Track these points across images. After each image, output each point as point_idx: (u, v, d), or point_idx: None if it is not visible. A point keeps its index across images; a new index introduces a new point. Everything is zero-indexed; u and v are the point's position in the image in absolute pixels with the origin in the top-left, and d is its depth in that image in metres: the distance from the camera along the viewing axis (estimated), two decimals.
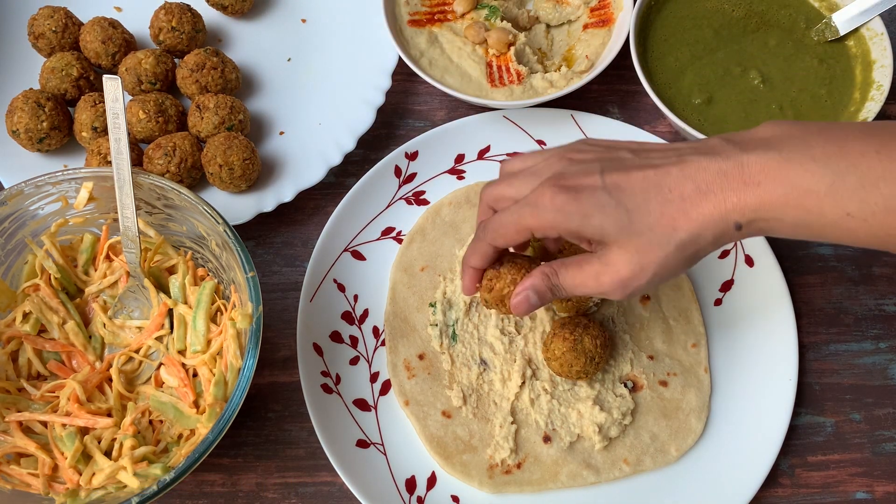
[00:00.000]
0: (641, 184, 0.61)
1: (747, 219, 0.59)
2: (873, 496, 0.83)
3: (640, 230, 0.60)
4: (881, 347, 0.89)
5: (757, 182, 0.57)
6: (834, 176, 0.55)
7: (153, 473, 0.69)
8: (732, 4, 0.99)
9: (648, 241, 0.60)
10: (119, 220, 0.76)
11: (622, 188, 0.61)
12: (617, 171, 0.62)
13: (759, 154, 0.58)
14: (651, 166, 0.61)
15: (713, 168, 0.59)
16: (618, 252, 0.62)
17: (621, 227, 0.61)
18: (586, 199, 0.61)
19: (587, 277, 0.64)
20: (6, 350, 0.77)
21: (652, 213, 0.60)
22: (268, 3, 1.04)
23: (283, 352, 0.88)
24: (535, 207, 0.63)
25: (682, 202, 0.59)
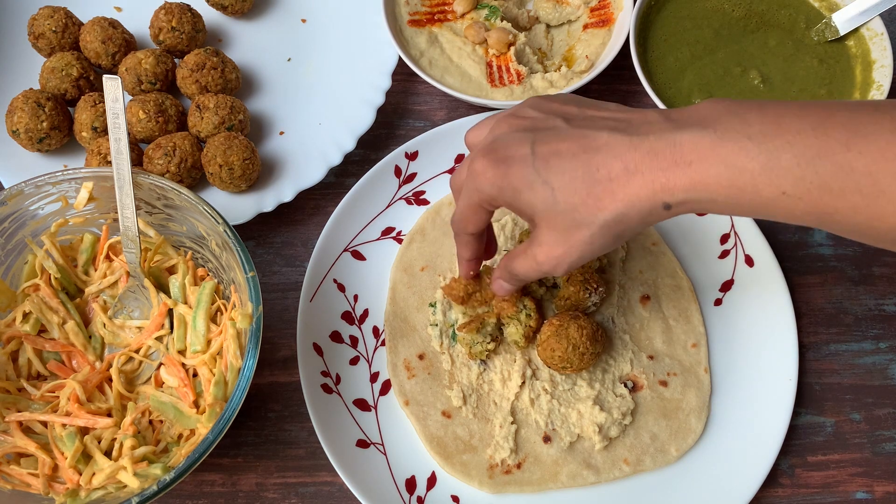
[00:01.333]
0: (570, 161, 0.59)
1: (677, 199, 0.57)
2: (873, 496, 0.83)
3: (565, 209, 0.59)
4: (881, 347, 0.89)
5: (688, 162, 0.56)
6: (769, 154, 0.54)
7: (153, 473, 0.69)
8: (732, 4, 0.99)
9: (573, 220, 0.60)
10: (119, 220, 0.76)
11: (550, 163, 0.59)
12: (547, 144, 0.60)
13: (693, 132, 0.56)
14: (582, 138, 0.60)
15: (644, 147, 0.57)
16: (546, 231, 0.62)
17: (547, 205, 0.60)
18: (515, 173, 0.61)
19: (529, 261, 0.65)
20: (6, 350, 0.77)
21: (577, 193, 0.59)
22: (268, 3, 1.04)
23: (283, 352, 0.88)
24: (474, 184, 0.63)
25: (609, 182, 0.58)
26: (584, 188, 0.59)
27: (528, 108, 0.66)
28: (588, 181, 0.59)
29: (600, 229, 0.60)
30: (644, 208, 0.58)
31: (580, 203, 0.59)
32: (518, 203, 0.62)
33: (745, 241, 0.89)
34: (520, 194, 0.61)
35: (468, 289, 0.81)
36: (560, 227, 0.61)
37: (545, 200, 0.60)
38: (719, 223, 0.91)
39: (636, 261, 0.89)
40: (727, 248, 0.90)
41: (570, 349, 0.78)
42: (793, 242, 0.93)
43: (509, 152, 0.61)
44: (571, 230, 0.60)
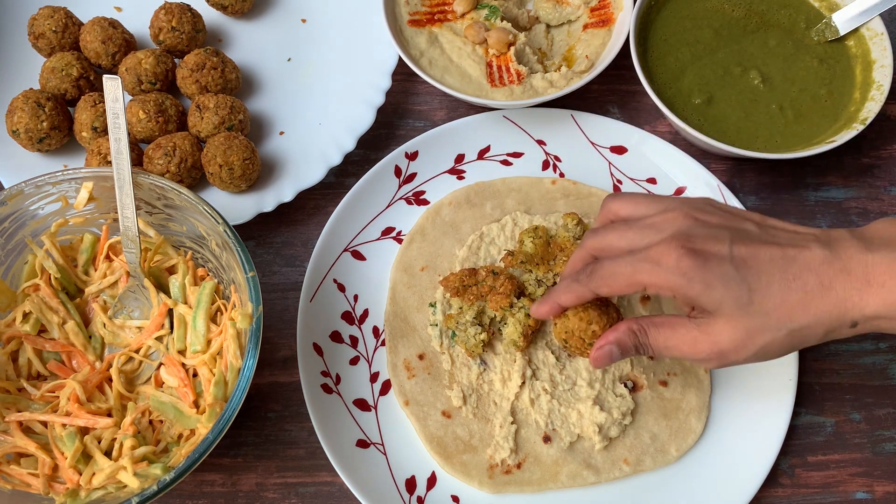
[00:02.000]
0: (768, 265, 0.61)
1: (865, 317, 0.60)
2: (873, 496, 0.83)
3: (757, 312, 0.61)
4: (881, 347, 0.89)
5: (881, 283, 0.59)
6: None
7: (153, 473, 0.69)
8: (732, 4, 0.99)
9: (761, 325, 0.61)
10: (119, 220, 0.76)
11: (748, 265, 0.61)
12: (745, 244, 0.62)
13: (884, 254, 0.59)
14: (777, 245, 0.62)
15: (838, 264, 0.60)
16: (724, 326, 0.62)
17: (739, 304, 0.61)
18: (713, 268, 0.61)
19: (682, 342, 0.64)
20: (6, 350, 0.77)
21: (773, 298, 0.60)
22: (268, 3, 1.04)
23: (283, 352, 0.88)
24: (655, 265, 0.62)
25: (803, 294, 0.60)
26: (779, 295, 0.60)
27: (709, 206, 0.67)
28: (784, 289, 0.60)
29: (785, 337, 0.61)
30: (833, 324, 0.60)
31: (773, 309, 0.60)
32: (703, 297, 0.62)
33: None
34: (711, 289, 0.61)
35: (464, 281, 0.82)
36: (744, 326, 0.61)
37: (738, 299, 0.61)
38: None
39: None
40: None
41: (585, 327, 0.74)
42: None
43: (707, 246, 0.62)
44: (755, 332, 0.61)
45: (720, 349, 0.63)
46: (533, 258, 0.84)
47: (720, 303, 0.61)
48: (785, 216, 0.94)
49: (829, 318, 0.60)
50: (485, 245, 0.89)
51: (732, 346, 0.62)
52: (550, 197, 0.93)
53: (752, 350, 0.62)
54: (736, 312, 0.61)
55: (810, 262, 0.60)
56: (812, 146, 0.88)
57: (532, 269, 0.84)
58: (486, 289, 0.81)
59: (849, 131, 0.87)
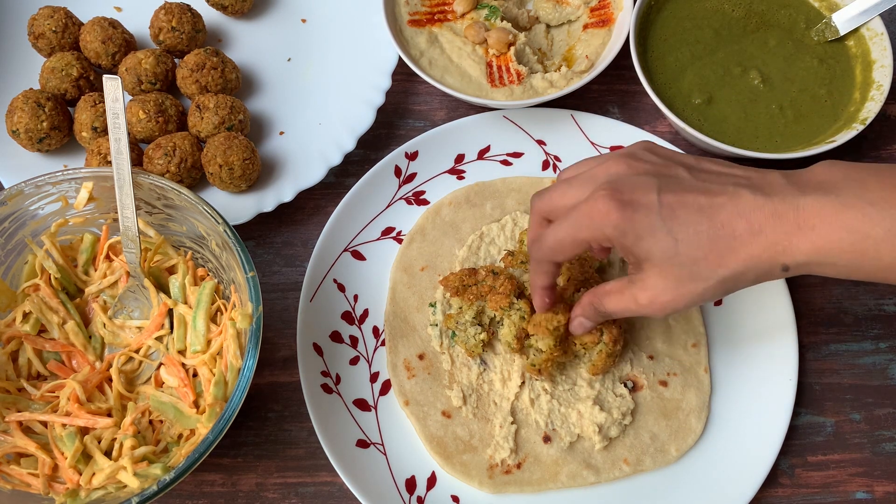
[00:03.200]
0: (695, 215, 0.60)
1: (797, 262, 0.59)
2: (873, 496, 0.83)
3: (685, 262, 0.61)
4: (881, 347, 0.89)
5: (811, 226, 0.58)
6: (892, 220, 0.56)
7: (153, 473, 0.69)
8: (732, 4, 0.99)
9: (690, 273, 0.61)
10: (119, 220, 0.76)
11: (675, 214, 0.61)
12: (672, 193, 0.61)
13: (816, 197, 0.58)
14: (706, 192, 0.61)
15: (768, 208, 0.59)
16: (657, 277, 0.62)
17: (667, 255, 0.61)
18: (640, 219, 0.61)
19: (628, 302, 0.66)
20: (6, 350, 0.77)
21: (700, 247, 0.60)
22: (268, 3, 1.04)
23: (283, 352, 0.88)
24: (591, 220, 0.63)
25: (732, 240, 0.60)
26: (707, 243, 0.60)
27: (645, 151, 0.67)
28: (712, 237, 0.60)
29: (716, 284, 0.61)
30: (762, 269, 0.60)
31: (701, 258, 0.60)
32: (635, 247, 0.62)
33: None
34: (640, 240, 0.61)
35: (464, 281, 0.82)
36: (674, 276, 0.62)
37: (665, 250, 0.61)
38: None
39: None
40: None
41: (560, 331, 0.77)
42: None
43: (635, 196, 0.62)
44: (685, 281, 0.62)
45: (658, 299, 0.63)
46: None
47: (649, 253, 0.62)
48: None
49: (758, 263, 0.60)
50: (485, 245, 0.89)
51: (667, 295, 0.63)
52: None
53: (686, 298, 0.62)
54: (665, 263, 0.61)
55: (740, 208, 0.60)
56: (812, 146, 0.88)
57: None
58: (485, 289, 0.81)
59: (849, 131, 0.87)
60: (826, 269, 0.60)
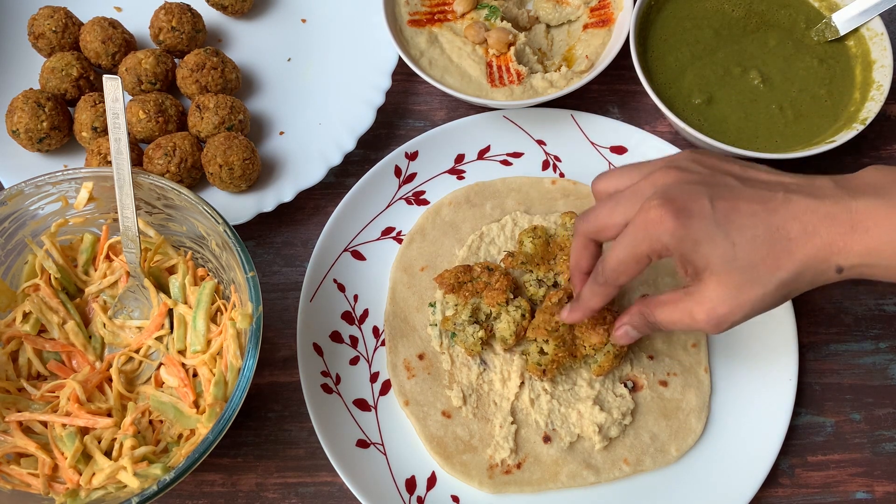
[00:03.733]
0: (750, 219, 0.61)
1: (850, 263, 0.60)
2: (873, 496, 0.83)
3: (744, 266, 0.60)
4: (881, 347, 0.89)
5: (865, 228, 0.58)
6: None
7: (153, 473, 0.69)
8: (732, 4, 0.99)
9: (749, 279, 0.61)
10: (119, 220, 0.76)
11: (730, 219, 0.61)
12: (726, 200, 0.61)
13: (868, 200, 0.59)
14: (759, 200, 0.61)
15: (821, 211, 0.60)
16: (715, 287, 0.62)
17: (725, 260, 0.61)
18: (696, 224, 0.61)
19: (682, 315, 0.65)
20: (6, 350, 0.77)
21: (758, 251, 0.60)
22: (268, 3, 1.04)
23: (283, 352, 0.88)
24: (647, 233, 0.62)
25: (787, 242, 0.60)
26: (764, 246, 0.60)
27: (690, 162, 0.66)
28: (768, 240, 0.60)
29: (775, 288, 0.61)
30: (818, 269, 0.60)
31: (759, 261, 0.60)
32: (693, 255, 0.62)
33: None
34: (699, 246, 0.61)
35: (459, 278, 0.82)
36: (733, 283, 0.61)
37: (724, 255, 0.61)
38: None
39: None
40: None
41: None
42: None
43: (689, 205, 0.61)
44: (745, 288, 0.61)
45: (715, 312, 0.62)
46: (533, 258, 0.84)
47: (708, 260, 0.61)
48: None
49: (814, 263, 0.60)
50: (485, 245, 0.89)
51: (726, 306, 0.62)
52: (550, 197, 0.93)
53: (746, 307, 0.62)
54: (723, 269, 0.61)
55: (794, 211, 0.60)
56: (812, 146, 0.88)
57: (532, 270, 0.84)
58: (481, 285, 0.81)
59: (849, 131, 0.87)
60: (877, 270, 0.60)
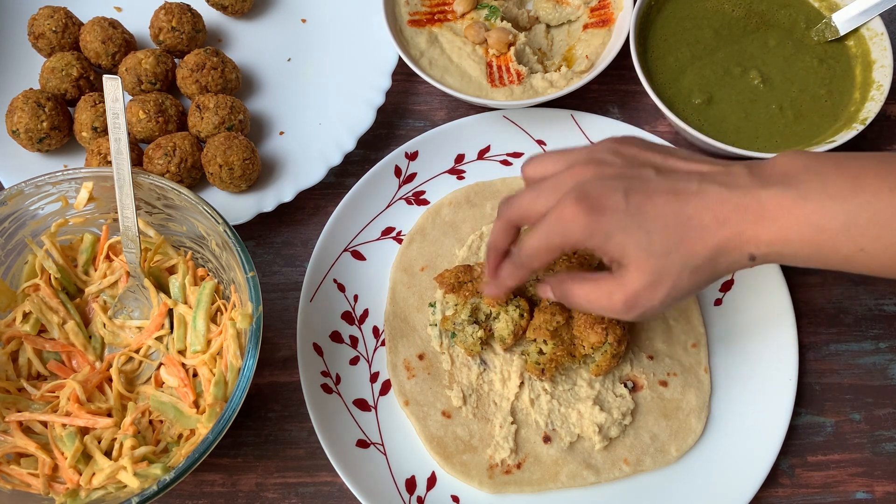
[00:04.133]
0: (662, 209, 0.62)
1: (761, 252, 0.61)
2: (873, 496, 0.83)
3: (659, 252, 0.62)
4: (881, 347, 0.89)
5: (773, 218, 0.60)
6: (847, 214, 0.58)
7: (153, 473, 0.69)
8: (732, 4, 0.99)
9: (664, 265, 0.62)
10: (119, 219, 0.76)
11: (644, 212, 0.62)
12: (640, 193, 0.63)
13: (777, 190, 0.60)
14: (673, 192, 0.63)
15: (732, 201, 0.61)
16: (634, 271, 0.63)
17: (640, 247, 0.62)
18: (608, 220, 0.62)
19: (600, 295, 0.66)
20: (6, 350, 0.77)
21: (671, 238, 0.62)
22: (268, 3, 1.04)
23: (283, 352, 0.88)
24: (561, 226, 0.64)
25: (700, 230, 0.61)
26: (677, 234, 0.62)
27: (609, 154, 0.67)
28: (681, 228, 0.62)
29: (690, 273, 0.62)
30: (732, 257, 0.62)
31: (673, 248, 0.62)
32: (607, 246, 0.63)
33: None
34: (611, 237, 0.63)
35: (459, 277, 0.82)
36: (650, 269, 0.63)
37: (638, 243, 0.62)
38: None
39: None
40: None
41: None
42: None
43: (602, 201, 0.63)
44: (661, 273, 0.63)
45: (634, 296, 0.64)
46: None
47: (623, 248, 0.62)
48: None
49: (727, 250, 0.61)
50: (485, 245, 0.89)
51: (644, 291, 0.63)
52: None
53: (662, 292, 0.63)
54: (641, 255, 0.62)
55: (706, 201, 0.61)
56: (812, 146, 0.88)
57: None
58: (481, 285, 0.81)
59: (849, 131, 0.87)
60: (788, 258, 0.61)
